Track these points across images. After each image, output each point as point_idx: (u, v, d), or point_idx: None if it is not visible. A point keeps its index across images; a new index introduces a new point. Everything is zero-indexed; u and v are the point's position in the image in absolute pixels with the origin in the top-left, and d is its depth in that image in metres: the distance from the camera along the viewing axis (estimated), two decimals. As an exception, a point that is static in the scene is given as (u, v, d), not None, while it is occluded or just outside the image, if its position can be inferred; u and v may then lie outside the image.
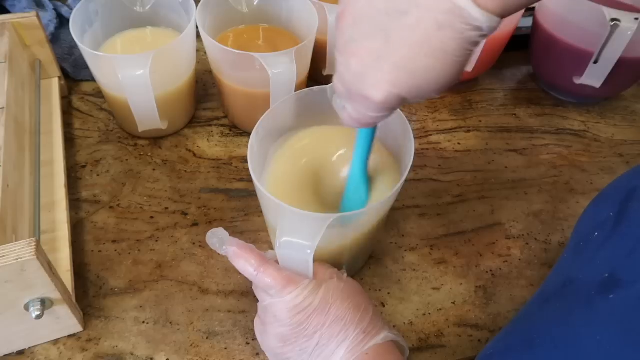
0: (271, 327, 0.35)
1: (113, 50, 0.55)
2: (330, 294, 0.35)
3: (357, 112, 0.30)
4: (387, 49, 0.26)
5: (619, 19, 0.52)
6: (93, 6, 0.52)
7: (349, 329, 0.34)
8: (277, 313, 0.34)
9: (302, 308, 0.34)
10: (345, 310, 0.34)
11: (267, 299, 0.35)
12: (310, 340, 0.34)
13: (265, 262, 0.35)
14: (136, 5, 0.56)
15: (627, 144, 0.61)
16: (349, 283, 0.36)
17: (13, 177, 0.41)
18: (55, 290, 0.35)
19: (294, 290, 0.34)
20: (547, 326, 0.31)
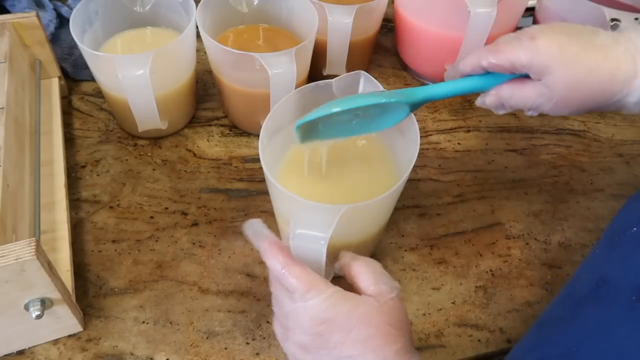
0: (293, 333, 0.33)
1: (113, 50, 0.55)
2: (356, 313, 0.32)
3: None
4: None
5: (619, 19, 0.52)
6: (93, 6, 0.52)
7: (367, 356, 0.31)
8: (299, 320, 0.33)
9: (324, 319, 0.32)
10: (368, 337, 0.31)
11: (289, 305, 0.33)
12: (330, 354, 0.32)
13: (294, 262, 0.33)
14: (136, 5, 0.56)
15: (627, 144, 0.61)
16: (387, 307, 0.33)
17: (13, 177, 0.41)
18: (55, 290, 0.35)
19: (317, 296, 0.32)
20: (587, 337, 0.29)
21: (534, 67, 0.35)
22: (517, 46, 0.36)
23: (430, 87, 0.40)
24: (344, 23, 0.53)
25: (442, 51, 0.60)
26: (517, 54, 0.36)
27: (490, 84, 0.39)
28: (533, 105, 0.38)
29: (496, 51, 0.37)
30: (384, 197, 0.36)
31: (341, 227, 0.35)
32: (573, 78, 0.35)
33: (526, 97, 0.37)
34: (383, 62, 0.68)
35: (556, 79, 0.35)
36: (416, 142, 0.39)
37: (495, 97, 0.39)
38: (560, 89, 0.36)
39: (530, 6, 0.63)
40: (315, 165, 0.44)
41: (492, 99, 0.39)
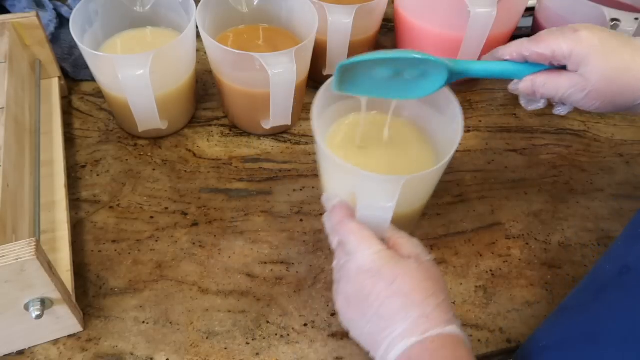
0: (340, 285, 0.35)
1: (113, 50, 0.55)
2: (399, 268, 0.34)
3: None
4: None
5: (619, 19, 0.52)
6: (93, 6, 0.52)
7: (410, 310, 0.32)
8: (347, 271, 0.35)
9: (369, 270, 0.34)
10: (410, 290, 0.33)
11: (343, 258, 0.36)
12: (370, 307, 0.33)
13: (353, 220, 0.36)
14: (136, 5, 0.56)
15: (627, 144, 0.61)
16: (426, 266, 0.35)
17: (13, 177, 0.41)
18: (55, 290, 0.36)
19: (366, 249, 0.34)
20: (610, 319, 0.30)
21: (574, 56, 0.37)
22: (560, 36, 0.38)
23: (470, 61, 0.41)
24: (344, 23, 0.53)
25: (442, 51, 0.60)
26: (559, 43, 0.37)
27: (526, 71, 0.40)
28: (565, 95, 0.39)
29: (539, 40, 0.39)
30: (438, 168, 0.39)
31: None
32: (609, 70, 0.37)
33: (559, 85, 0.39)
34: (383, 62, 0.68)
35: (593, 69, 0.37)
36: (459, 118, 0.41)
37: (529, 83, 0.40)
38: (596, 80, 0.37)
39: (530, 6, 0.63)
40: (353, 144, 0.47)
41: (526, 85, 0.40)
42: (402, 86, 0.42)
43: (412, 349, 0.31)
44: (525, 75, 0.40)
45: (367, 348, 0.34)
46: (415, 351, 0.31)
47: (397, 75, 0.41)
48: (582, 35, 0.37)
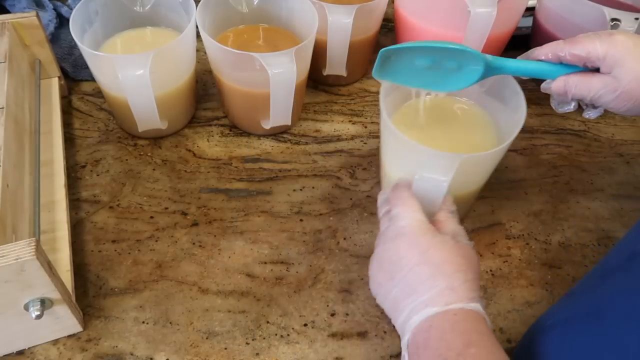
0: (376, 250, 0.37)
1: (113, 50, 0.55)
2: (435, 241, 0.35)
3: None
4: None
5: (619, 19, 0.52)
6: (93, 6, 0.52)
7: (437, 279, 0.33)
8: (386, 235, 0.36)
9: (405, 234, 0.35)
10: (441, 261, 0.34)
11: (385, 224, 0.37)
12: (400, 271, 0.34)
13: (407, 189, 0.38)
14: (136, 5, 0.56)
15: (627, 144, 0.61)
16: (462, 245, 0.36)
17: (13, 177, 0.41)
18: (55, 290, 0.35)
19: (408, 216, 0.36)
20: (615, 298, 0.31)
21: (609, 58, 0.39)
22: (595, 39, 0.39)
23: (505, 59, 0.43)
24: (344, 23, 0.53)
25: (442, 51, 0.60)
26: (595, 45, 0.39)
27: (560, 72, 0.42)
28: (596, 95, 0.40)
29: (575, 41, 0.40)
30: (495, 151, 0.41)
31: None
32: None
33: (592, 86, 0.40)
34: (383, 62, 0.68)
35: (626, 71, 0.38)
36: (522, 109, 0.43)
37: (562, 83, 0.42)
38: (628, 81, 0.39)
39: (530, 6, 0.63)
40: (417, 125, 0.50)
41: (559, 84, 0.42)
42: (438, 78, 0.44)
43: (434, 318, 0.32)
44: (558, 76, 0.42)
45: (390, 314, 0.35)
46: (437, 321, 0.32)
47: (435, 66, 0.43)
48: (618, 38, 0.39)
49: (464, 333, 0.31)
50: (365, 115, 0.61)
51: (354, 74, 0.64)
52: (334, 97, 0.63)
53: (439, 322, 0.32)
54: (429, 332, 0.32)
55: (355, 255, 0.48)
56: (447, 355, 0.30)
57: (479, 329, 0.32)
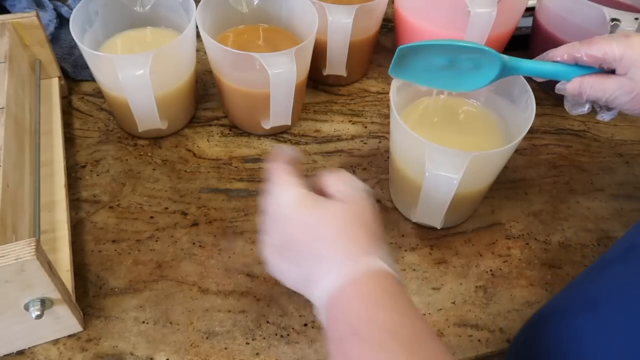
0: (267, 234, 0.36)
1: (113, 50, 0.55)
2: (321, 212, 0.33)
3: None
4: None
5: (619, 19, 0.52)
6: (93, 6, 0.52)
7: (334, 251, 0.32)
8: (273, 219, 0.35)
9: (286, 214, 0.34)
10: (334, 232, 0.33)
11: (268, 203, 0.36)
12: (299, 253, 0.33)
13: (284, 165, 0.36)
14: (136, 5, 0.56)
15: (627, 144, 0.61)
16: (353, 206, 0.34)
17: (13, 177, 0.41)
18: (55, 290, 0.35)
19: (290, 191, 0.34)
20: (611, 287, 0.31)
21: (625, 59, 0.39)
22: (612, 40, 0.40)
23: (521, 59, 0.43)
24: (344, 23, 0.53)
25: (442, 51, 0.60)
26: (612, 46, 0.39)
27: (575, 73, 0.42)
28: (611, 97, 0.40)
29: (591, 42, 0.40)
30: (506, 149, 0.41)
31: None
32: None
33: (607, 87, 0.40)
34: (383, 62, 0.68)
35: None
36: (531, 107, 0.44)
37: (577, 84, 0.42)
38: None
39: (530, 6, 0.63)
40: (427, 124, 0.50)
41: (574, 85, 0.42)
42: (454, 77, 0.44)
43: (343, 289, 0.31)
44: (573, 77, 0.42)
45: (303, 293, 0.34)
46: (346, 292, 0.31)
47: (451, 65, 0.43)
48: (635, 40, 0.39)
49: (372, 299, 0.31)
50: (365, 115, 0.61)
51: (354, 74, 0.64)
52: (334, 97, 0.63)
53: (346, 292, 0.31)
54: (337, 304, 0.31)
55: (355, 255, 0.48)
56: (357, 324, 0.30)
57: (388, 289, 0.31)
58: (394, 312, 0.30)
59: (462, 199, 0.45)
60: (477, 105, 0.52)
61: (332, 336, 0.31)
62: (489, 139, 0.50)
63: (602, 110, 0.45)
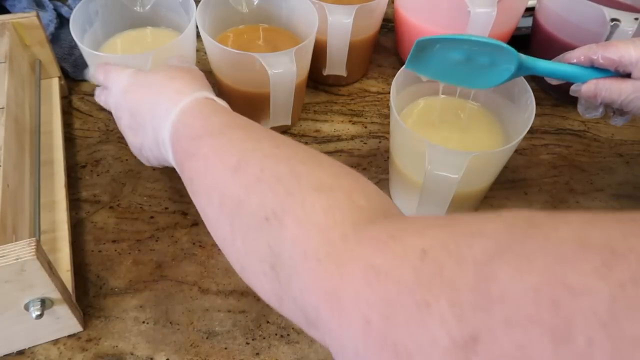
0: (120, 124, 0.41)
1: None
2: (154, 72, 0.39)
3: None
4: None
5: (619, 19, 0.52)
6: (93, 6, 0.52)
7: (164, 91, 0.37)
8: (117, 104, 0.40)
9: (130, 87, 0.39)
10: (163, 78, 0.38)
11: (109, 97, 0.42)
12: (143, 115, 0.38)
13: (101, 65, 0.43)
14: (136, 5, 0.56)
15: (627, 144, 0.61)
16: (177, 67, 0.41)
17: (13, 177, 0.41)
18: (55, 290, 0.36)
19: (122, 74, 0.40)
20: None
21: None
22: (630, 44, 0.40)
23: (537, 59, 0.43)
24: (344, 23, 0.53)
25: (442, 51, 0.60)
26: (629, 50, 0.40)
27: (591, 76, 0.42)
28: (626, 100, 0.41)
29: (608, 45, 0.41)
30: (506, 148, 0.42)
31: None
32: None
33: (622, 90, 0.41)
34: (383, 62, 0.68)
35: None
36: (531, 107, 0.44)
37: (593, 86, 0.42)
38: None
39: (530, 6, 0.63)
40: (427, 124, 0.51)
41: (589, 87, 0.42)
42: (469, 74, 0.44)
43: (177, 123, 0.35)
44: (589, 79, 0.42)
45: (164, 160, 0.38)
46: (185, 117, 0.34)
47: (468, 61, 0.43)
48: None
49: (210, 113, 0.34)
50: (365, 115, 0.61)
51: (354, 74, 0.64)
52: (334, 97, 0.63)
53: (181, 122, 0.34)
54: (179, 134, 0.34)
55: (355, 255, 0.48)
56: (198, 133, 0.33)
57: (223, 110, 0.35)
58: (227, 117, 0.34)
59: (462, 199, 0.45)
60: (477, 105, 0.52)
61: (179, 158, 0.34)
62: (489, 139, 0.50)
63: (615, 114, 0.45)
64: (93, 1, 0.52)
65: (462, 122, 0.51)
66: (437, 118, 0.51)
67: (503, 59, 0.42)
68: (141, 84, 0.39)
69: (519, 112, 0.47)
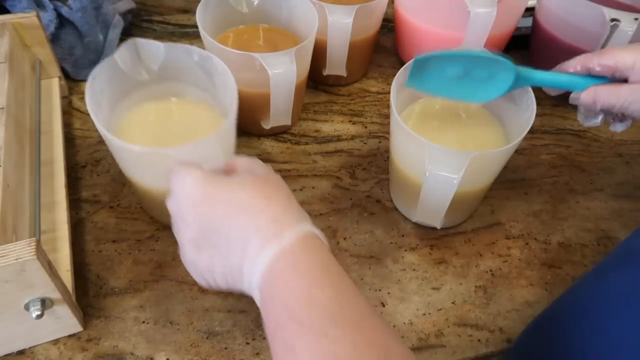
0: (182, 236, 0.32)
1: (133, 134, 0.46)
2: (231, 185, 0.31)
3: None
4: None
5: (619, 19, 0.52)
6: (98, 84, 0.43)
7: (257, 218, 0.29)
8: (182, 214, 0.32)
9: (200, 199, 0.31)
10: (252, 199, 0.30)
11: (173, 200, 0.33)
12: (220, 236, 0.30)
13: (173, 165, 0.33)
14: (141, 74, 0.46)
15: (627, 144, 0.61)
16: (260, 176, 0.33)
17: (13, 177, 0.41)
18: (55, 290, 0.36)
19: (191, 174, 0.31)
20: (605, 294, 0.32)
21: (637, 66, 0.40)
22: (624, 49, 0.41)
23: (534, 70, 0.44)
24: (344, 23, 0.53)
25: (442, 51, 0.60)
26: (623, 55, 0.40)
27: (588, 84, 0.43)
28: (625, 103, 0.41)
29: (603, 52, 0.42)
30: (506, 148, 0.42)
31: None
32: None
33: (620, 94, 0.41)
34: (383, 62, 0.68)
35: None
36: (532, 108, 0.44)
37: (591, 93, 0.42)
38: None
39: (530, 6, 0.63)
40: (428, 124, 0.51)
41: (588, 94, 0.43)
42: (469, 88, 0.45)
43: (275, 265, 0.29)
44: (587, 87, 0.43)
45: (233, 286, 0.32)
46: (279, 267, 0.29)
47: (466, 75, 0.44)
48: None
49: (308, 275, 0.28)
50: (365, 115, 0.61)
51: (354, 74, 0.64)
52: (334, 97, 0.63)
53: (279, 267, 0.29)
54: (271, 284, 0.29)
55: (355, 255, 0.48)
56: (295, 308, 0.28)
57: (323, 260, 0.29)
58: (332, 291, 0.28)
59: (462, 199, 0.45)
60: (477, 105, 0.52)
61: (269, 321, 0.29)
62: (489, 139, 0.50)
63: (614, 121, 0.46)
64: (96, 79, 0.42)
65: (463, 122, 0.51)
66: (438, 118, 0.51)
67: (500, 71, 0.43)
68: (221, 197, 0.31)
69: (519, 112, 0.47)
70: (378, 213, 0.51)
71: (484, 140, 0.49)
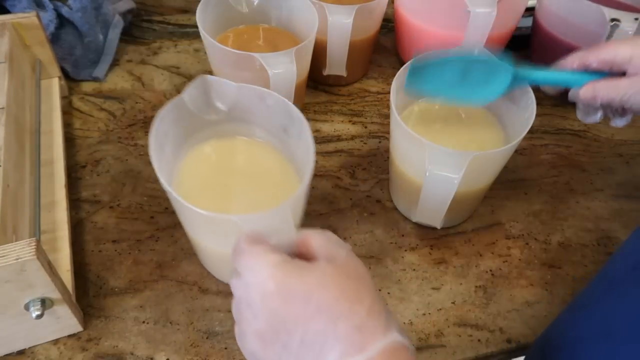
0: (247, 324, 0.29)
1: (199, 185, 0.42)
2: (311, 279, 0.27)
3: None
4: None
5: (619, 19, 0.52)
6: (162, 127, 0.39)
7: (337, 324, 0.26)
8: (250, 303, 0.28)
9: (276, 291, 0.27)
10: (334, 300, 0.26)
11: (238, 289, 0.29)
12: (291, 336, 0.27)
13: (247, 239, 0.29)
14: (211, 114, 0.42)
15: (627, 144, 0.61)
16: (342, 266, 0.28)
17: (13, 177, 0.41)
18: (55, 290, 0.36)
19: (263, 266, 0.28)
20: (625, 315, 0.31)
21: (635, 59, 0.40)
22: (620, 43, 0.41)
23: (532, 69, 0.44)
24: (344, 23, 0.53)
25: (442, 51, 0.60)
26: (620, 48, 0.40)
27: (586, 79, 0.42)
28: (625, 96, 0.41)
29: (600, 47, 0.42)
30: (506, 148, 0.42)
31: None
32: None
33: (620, 87, 0.41)
34: (383, 62, 0.68)
35: None
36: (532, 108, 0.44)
37: (590, 89, 0.42)
38: None
39: (530, 6, 0.63)
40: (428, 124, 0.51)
41: (587, 90, 0.42)
42: (467, 89, 0.45)
43: None
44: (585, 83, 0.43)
45: None
46: None
47: (464, 77, 0.44)
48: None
49: None
50: (365, 115, 0.61)
51: (354, 74, 0.64)
52: (334, 97, 0.63)
53: None
54: None
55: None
56: None
57: None
58: None
59: (462, 199, 0.45)
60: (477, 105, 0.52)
61: None
62: (489, 139, 0.50)
63: (615, 116, 0.45)
64: (163, 121, 0.38)
65: (463, 122, 0.51)
66: (438, 118, 0.51)
67: (498, 72, 0.43)
68: (297, 294, 0.27)
69: (519, 112, 0.47)
70: (378, 213, 0.51)
71: (484, 141, 0.49)
